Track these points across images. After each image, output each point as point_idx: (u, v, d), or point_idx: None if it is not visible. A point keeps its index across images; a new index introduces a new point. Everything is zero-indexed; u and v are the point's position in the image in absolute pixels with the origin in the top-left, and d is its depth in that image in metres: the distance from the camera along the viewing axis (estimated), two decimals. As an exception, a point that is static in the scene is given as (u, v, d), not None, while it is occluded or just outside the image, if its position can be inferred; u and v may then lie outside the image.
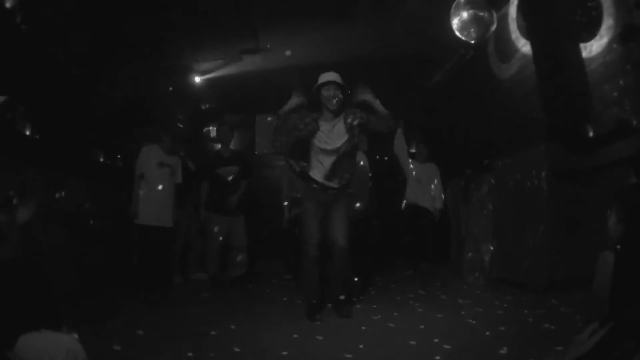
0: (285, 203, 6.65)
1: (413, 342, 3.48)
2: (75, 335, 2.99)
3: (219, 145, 6.69)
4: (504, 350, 3.12)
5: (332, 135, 4.56)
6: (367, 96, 4.59)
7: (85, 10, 5.48)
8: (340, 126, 4.58)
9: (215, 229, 6.23)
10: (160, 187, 5.88)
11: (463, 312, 4.33)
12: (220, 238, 6.23)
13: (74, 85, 5.59)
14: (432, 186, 6.82)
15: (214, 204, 6.25)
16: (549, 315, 3.89)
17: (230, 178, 6.27)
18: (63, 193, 5.16)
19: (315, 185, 4.54)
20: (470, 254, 6.31)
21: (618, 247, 2.38)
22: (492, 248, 5.96)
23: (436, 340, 3.50)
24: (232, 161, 6.35)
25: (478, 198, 6.25)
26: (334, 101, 4.52)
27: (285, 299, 5.32)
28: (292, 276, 6.50)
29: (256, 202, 7.52)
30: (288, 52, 7.60)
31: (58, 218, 5.03)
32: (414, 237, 6.82)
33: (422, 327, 3.90)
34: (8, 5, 4.33)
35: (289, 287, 6.10)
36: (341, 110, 4.63)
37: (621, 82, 4.09)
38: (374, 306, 4.75)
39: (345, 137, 4.54)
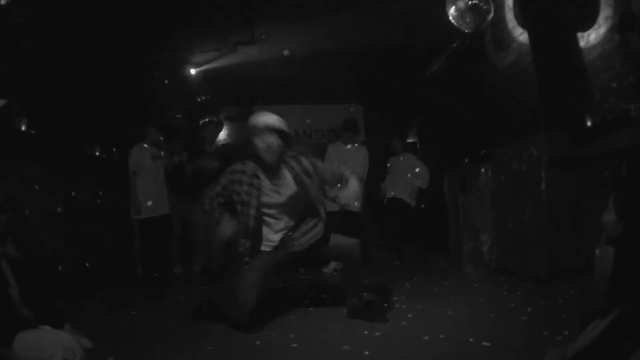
0: None
1: (409, 334, 3.49)
2: (76, 332, 3.01)
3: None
4: (504, 342, 3.13)
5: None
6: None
7: (80, 4, 5.44)
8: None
9: (197, 222, 6.43)
10: (155, 179, 6.15)
11: (462, 303, 4.33)
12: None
13: (68, 80, 5.57)
14: (409, 175, 7.30)
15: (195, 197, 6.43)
16: (549, 306, 3.89)
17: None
18: (61, 189, 5.16)
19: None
20: (469, 244, 6.31)
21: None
22: (491, 238, 5.95)
23: (434, 330, 3.50)
24: (214, 156, 6.56)
25: (477, 187, 6.24)
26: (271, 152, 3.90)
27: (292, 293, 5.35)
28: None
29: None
30: (286, 52, 7.58)
31: (57, 215, 5.04)
32: (394, 227, 7.19)
33: (418, 317, 3.92)
34: (2, 2, 4.30)
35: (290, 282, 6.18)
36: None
37: (619, 72, 4.07)
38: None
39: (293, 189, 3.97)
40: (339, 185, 4.09)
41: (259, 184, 3.89)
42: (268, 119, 3.97)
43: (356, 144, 7.20)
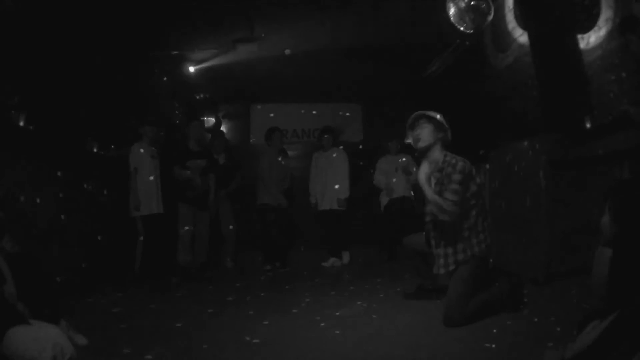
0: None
1: (406, 333, 3.50)
2: (72, 329, 3.00)
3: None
4: (502, 344, 3.12)
5: None
6: None
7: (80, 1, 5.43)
8: None
9: (185, 219, 6.47)
10: (154, 177, 6.30)
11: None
12: (188, 227, 6.47)
13: (67, 77, 5.55)
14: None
15: (182, 195, 6.48)
16: (547, 308, 3.88)
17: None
18: (59, 186, 5.15)
19: None
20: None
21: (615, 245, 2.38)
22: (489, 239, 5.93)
23: (427, 330, 3.50)
24: (200, 155, 6.61)
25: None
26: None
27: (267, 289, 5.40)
28: (272, 267, 6.99)
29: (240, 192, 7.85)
30: (287, 51, 7.59)
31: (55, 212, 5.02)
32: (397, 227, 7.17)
33: (416, 317, 3.91)
34: None
35: (270, 278, 6.46)
36: None
37: (619, 74, 4.07)
38: (367, 296, 4.76)
39: None
40: None
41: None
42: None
43: (335, 148, 7.63)
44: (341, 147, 7.77)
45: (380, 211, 7.79)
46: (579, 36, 4.62)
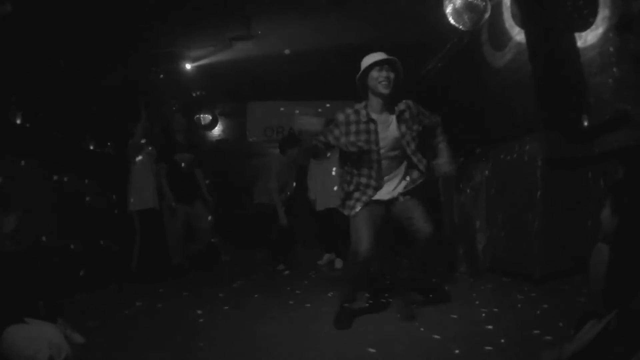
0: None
1: (401, 331, 3.50)
2: (69, 327, 2.99)
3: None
4: (498, 343, 3.12)
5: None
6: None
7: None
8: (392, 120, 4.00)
9: (176, 216, 6.43)
10: (149, 173, 6.33)
11: (455, 303, 4.32)
12: (179, 226, 6.44)
13: (64, 75, 5.54)
14: None
15: (172, 191, 6.42)
16: (544, 307, 3.88)
17: (183, 165, 6.50)
18: (56, 183, 5.14)
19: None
20: (463, 244, 6.30)
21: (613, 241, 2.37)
22: (485, 237, 5.95)
23: (425, 330, 3.50)
24: (187, 149, 6.62)
25: (471, 187, 6.23)
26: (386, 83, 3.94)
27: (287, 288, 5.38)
28: (285, 266, 6.92)
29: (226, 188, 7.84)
30: (287, 51, 7.58)
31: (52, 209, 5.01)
32: None
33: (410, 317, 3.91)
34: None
35: (285, 277, 6.39)
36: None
37: (617, 72, 4.07)
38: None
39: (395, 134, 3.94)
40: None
41: (375, 128, 3.94)
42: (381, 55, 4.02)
43: None
44: None
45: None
46: (576, 35, 4.61)
